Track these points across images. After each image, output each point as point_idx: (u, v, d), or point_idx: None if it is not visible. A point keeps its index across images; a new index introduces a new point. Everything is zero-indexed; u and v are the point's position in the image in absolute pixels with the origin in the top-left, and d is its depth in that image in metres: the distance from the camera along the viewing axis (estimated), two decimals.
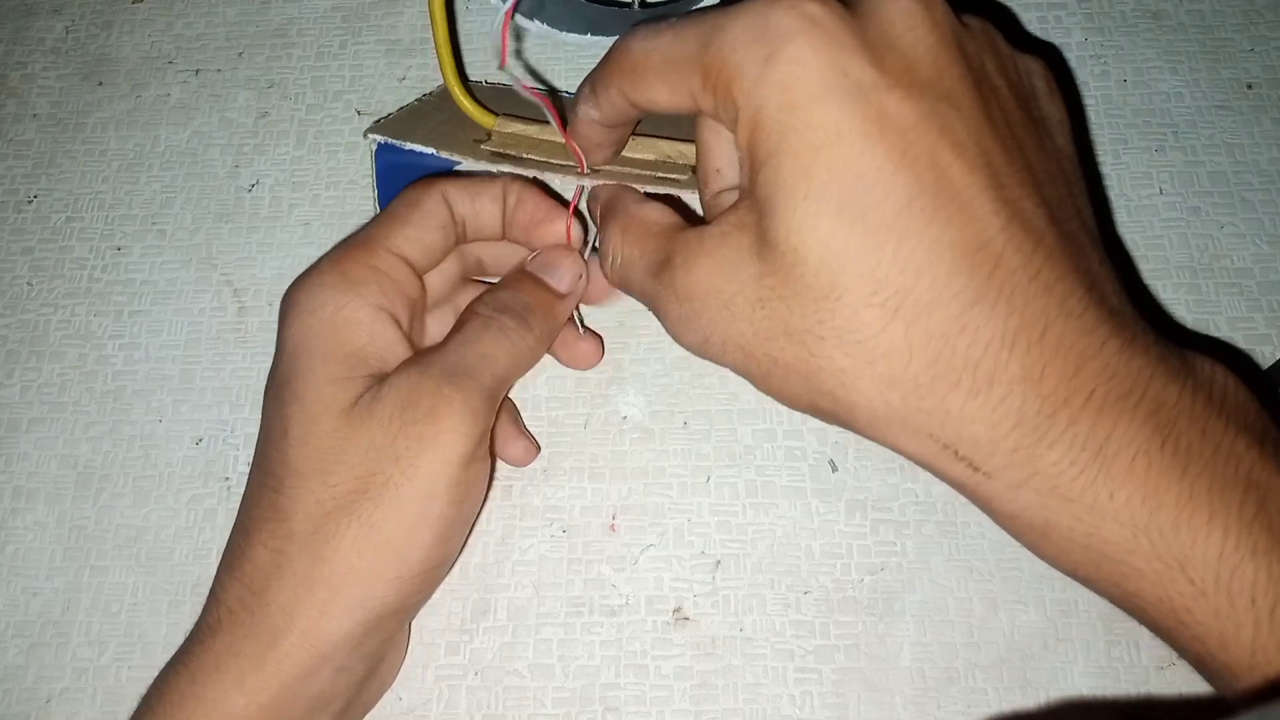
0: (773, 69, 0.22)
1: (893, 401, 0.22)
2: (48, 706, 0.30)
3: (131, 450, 0.34)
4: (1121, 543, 0.21)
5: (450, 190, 0.30)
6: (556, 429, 0.33)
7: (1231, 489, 0.20)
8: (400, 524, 0.26)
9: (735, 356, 0.24)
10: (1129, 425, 0.20)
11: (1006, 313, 0.20)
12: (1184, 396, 0.21)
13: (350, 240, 0.29)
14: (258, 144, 0.39)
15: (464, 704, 0.30)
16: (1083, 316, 0.21)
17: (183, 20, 0.41)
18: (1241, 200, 0.35)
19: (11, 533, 0.33)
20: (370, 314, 0.28)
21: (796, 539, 0.31)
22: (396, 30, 0.40)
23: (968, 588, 0.30)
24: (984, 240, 0.21)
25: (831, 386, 0.22)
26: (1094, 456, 0.20)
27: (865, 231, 0.21)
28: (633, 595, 0.31)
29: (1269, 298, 0.34)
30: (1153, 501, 0.20)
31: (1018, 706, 0.29)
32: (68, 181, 0.39)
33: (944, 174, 0.21)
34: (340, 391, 0.27)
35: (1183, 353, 0.23)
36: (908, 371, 0.21)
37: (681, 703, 0.29)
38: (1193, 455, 0.20)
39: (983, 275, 0.21)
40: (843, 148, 0.21)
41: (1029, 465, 0.21)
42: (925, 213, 0.21)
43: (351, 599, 0.25)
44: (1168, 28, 0.38)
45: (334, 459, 0.26)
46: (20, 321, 0.36)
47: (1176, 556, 0.20)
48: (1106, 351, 0.21)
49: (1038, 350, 0.20)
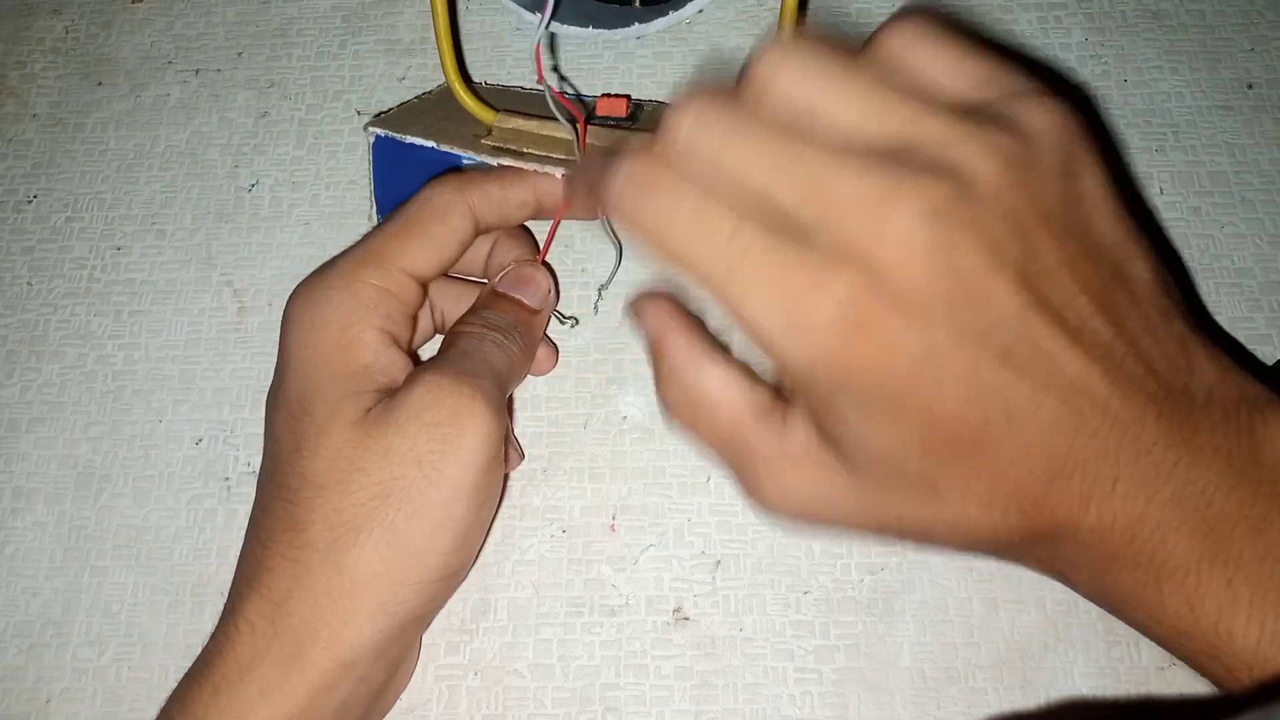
0: (818, 366, 0.22)
1: (1000, 553, 0.26)
2: (48, 706, 0.30)
3: (131, 450, 0.34)
4: (1172, 639, 0.24)
5: (480, 202, 0.30)
6: (556, 429, 0.33)
7: (1274, 589, 0.23)
8: (422, 529, 0.26)
9: (848, 533, 0.26)
10: (1185, 548, 0.23)
11: (1081, 478, 0.23)
12: (1244, 503, 0.23)
13: (368, 247, 0.29)
14: (258, 144, 0.39)
15: (464, 704, 0.30)
16: (1151, 451, 0.23)
17: (182, 20, 0.41)
18: (1242, 200, 0.35)
19: (11, 533, 0.33)
20: (375, 336, 0.28)
21: (796, 539, 0.31)
22: (396, 30, 0.40)
23: (968, 588, 0.30)
24: (1057, 434, 0.22)
25: (950, 548, 0.26)
26: (1153, 578, 0.23)
27: (952, 460, 0.23)
28: (633, 595, 0.31)
29: (1269, 298, 0.34)
30: (1197, 610, 0.23)
31: (1018, 706, 0.29)
32: (67, 181, 0.39)
33: (1010, 396, 0.22)
34: (350, 405, 0.27)
35: (1255, 430, 0.24)
36: (1009, 539, 0.24)
37: (681, 703, 0.29)
38: (1242, 561, 0.23)
39: (1059, 457, 0.23)
40: (910, 414, 0.22)
41: (1103, 582, 0.25)
42: (1001, 431, 0.22)
43: (374, 606, 0.26)
44: (1168, 28, 0.38)
45: (352, 468, 0.26)
46: (20, 321, 0.36)
47: (1214, 652, 0.23)
48: (1173, 482, 0.23)
49: (1110, 501, 0.23)
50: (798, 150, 0.21)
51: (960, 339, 0.21)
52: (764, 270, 0.21)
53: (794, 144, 0.22)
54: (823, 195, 0.21)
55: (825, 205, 0.21)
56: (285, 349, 0.28)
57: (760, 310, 0.21)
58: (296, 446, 0.26)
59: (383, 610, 0.26)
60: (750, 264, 0.21)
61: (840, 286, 0.21)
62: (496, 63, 0.39)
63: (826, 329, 0.21)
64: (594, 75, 0.39)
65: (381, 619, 0.26)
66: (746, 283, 0.21)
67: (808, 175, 0.21)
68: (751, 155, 0.22)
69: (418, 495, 0.26)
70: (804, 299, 0.21)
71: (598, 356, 0.34)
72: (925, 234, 0.20)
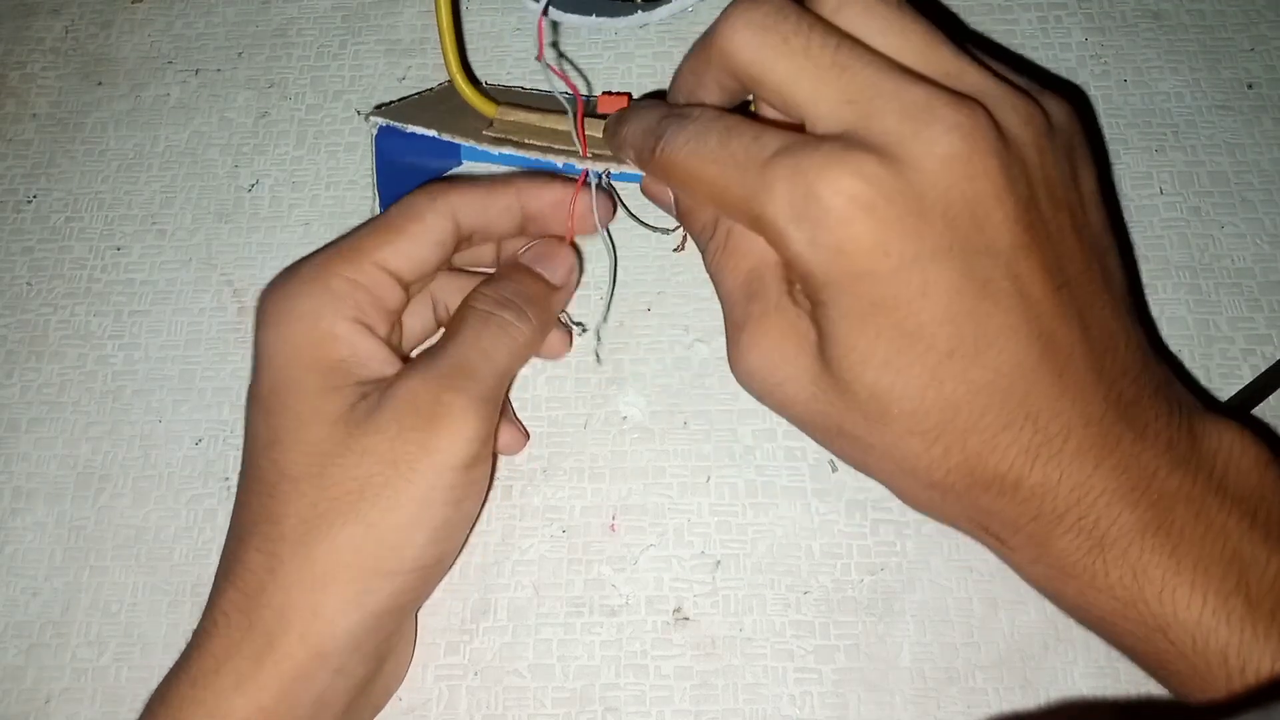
0: (817, 251, 0.23)
1: (933, 498, 0.25)
2: (47, 706, 0.30)
3: (131, 450, 0.34)
4: (1113, 611, 0.24)
5: (461, 205, 0.29)
6: (556, 429, 0.33)
7: (1215, 564, 0.23)
8: (397, 523, 0.26)
9: (788, 415, 0.26)
10: (1129, 517, 0.23)
11: (1032, 431, 0.23)
12: (1185, 482, 0.24)
13: (340, 244, 0.29)
14: (258, 144, 0.39)
15: (464, 704, 0.30)
16: (1102, 420, 0.24)
17: (182, 20, 0.41)
18: (1242, 200, 0.35)
19: (11, 533, 0.33)
20: (348, 328, 0.28)
21: (796, 539, 0.31)
22: (396, 30, 0.40)
23: (968, 588, 0.30)
24: (1018, 376, 0.23)
25: (882, 478, 0.26)
26: (1095, 544, 0.24)
27: (910, 378, 0.23)
28: (633, 595, 0.31)
29: (1269, 298, 0.34)
30: (1141, 579, 0.23)
31: (1018, 706, 0.29)
32: (67, 181, 0.39)
33: (983, 324, 0.23)
34: (329, 401, 0.27)
35: (1194, 427, 0.25)
36: (945, 480, 0.24)
37: (681, 703, 0.29)
38: (1184, 536, 0.23)
39: (1014, 404, 0.23)
40: (889, 315, 0.23)
41: (1041, 547, 0.24)
42: (965, 359, 0.23)
43: (346, 597, 0.26)
44: (1168, 28, 0.38)
45: (329, 463, 0.26)
46: (20, 321, 0.36)
47: (1158, 624, 0.23)
48: (1119, 451, 0.24)
49: (1057, 460, 0.23)
50: (855, 54, 0.23)
51: (950, 253, 0.23)
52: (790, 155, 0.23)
53: (853, 49, 0.23)
54: (866, 95, 0.23)
55: (867, 104, 0.23)
56: (259, 343, 0.28)
57: (778, 192, 0.23)
58: (273, 440, 0.27)
59: (356, 601, 0.26)
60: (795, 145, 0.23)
61: (862, 165, 0.22)
62: (497, 62, 0.39)
63: (839, 206, 0.22)
64: (594, 75, 0.39)
65: (355, 610, 0.26)
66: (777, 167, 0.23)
67: (857, 78, 0.23)
68: (811, 49, 0.23)
69: (392, 492, 0.26)
70: (821, 176, 0.22)
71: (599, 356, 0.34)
72: (950, 143, 0.22)
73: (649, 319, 0.34)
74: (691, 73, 0.27)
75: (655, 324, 0.34)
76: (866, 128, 0.23)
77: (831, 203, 0.22)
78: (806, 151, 0.23)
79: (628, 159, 0.28)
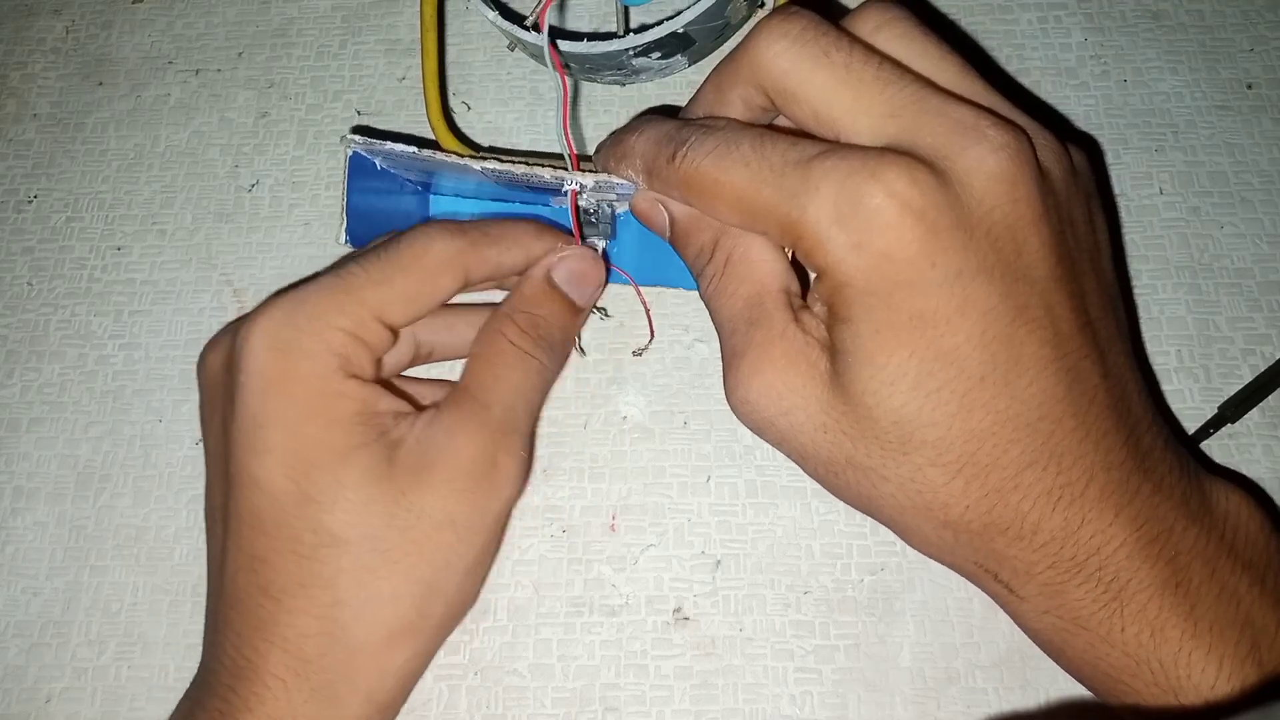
0: (861, 256, 0.22)
1: (944, 539, 0.24)
2: (48, 706, 0.30)
3: (131, 450, 0.34)
4: (1126, 668, 0.23)
5: (475, 265, 0.28)
6: (556, 429, 0.33)
7: (1230, 629, 0.23)
8: (457, 582, 0.27)
9: (789, 448, 0.25)
10: (1149, 571, 0.23)
11: (1056, 472, 0.22)
12: (1199, 540, 0.23)
13: (340, 284, 0.27)
14: (258, 144, 0.39)
15: (464, 704, 0.30)
16: (1122, 467, 0.23)
17: (183, 20, 0.41)
18: (1241, 200, 0.35)
19: (11, 533, 0.33)
20: (355, 386, 0.26)
21: (796, 539, 0.31)
22: (396, 30, 0.40)
23: (968, 588, 0.30)
24: (1045, 410, 0.22)
25: (889, 515, 0.25)
26: (1114, 597, 0.23)
27: (938, 404, 0.22)
28: (633, 595, 0.31)
29: (1269, 298, 0.34)
30: (1159, 638, 0.23)
31: (1018, 706, 0.29)
32: (68, 181, 0.39)
33: (1016, 350, 0.22)
34: (362, 457, 0.26)
35: (1203, 485, 0.25)
36: (961, 519, 0.23)
37: (681, 703, 0.29)
38: (1200, 596, 0.23)
39: (1039, 441, 0.22)
40: (925, 331, 0.22)
41: (1057, 597, 0.23)
42: (995, 387, 0.22)
43: (409, 654, 0.26)
44: (1168, 28, 0.38)
45: (383, 525, 0.26)
46: (20, 321, 0.36)
47: (1172, 685, 0.23)
48: (1138, 501, 0.23)
49: (1079, 504, 0.23)
50: (897, 72, 0.23)
51: (992, 274, 0.22)
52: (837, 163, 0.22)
53: (895, 67, 0.23)
54: (911, 111, 0.22)
55: (913, 119, 0.22)
56: (254, 392, 0.26)
57: (822, 198, 0.22)
58: (306, 497, 0.25)
59: (418, 655, 0.27)
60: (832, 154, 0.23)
61: (915, 172, 0.22)
62: (497, 62, 0.39)
63: (891, 210, 0.21)
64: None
65: (415, 663, 0.27)
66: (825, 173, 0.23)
67: (902, 93, 0.23)
68: (853, 65, 0.23)
69: (450, 553, 0.26)
70: (873, 177, 0.22)
71: (598, 356, 0.34)
72: (998, 162, 0.22)
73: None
74: (715, 89, 0.26)
75: (655, 324, 0.34)
76: (912, 141, 0.22)
77: (883, 205, 0.21)
78: (855, 154, 0.22)
79: (628, 172, 0.27)
